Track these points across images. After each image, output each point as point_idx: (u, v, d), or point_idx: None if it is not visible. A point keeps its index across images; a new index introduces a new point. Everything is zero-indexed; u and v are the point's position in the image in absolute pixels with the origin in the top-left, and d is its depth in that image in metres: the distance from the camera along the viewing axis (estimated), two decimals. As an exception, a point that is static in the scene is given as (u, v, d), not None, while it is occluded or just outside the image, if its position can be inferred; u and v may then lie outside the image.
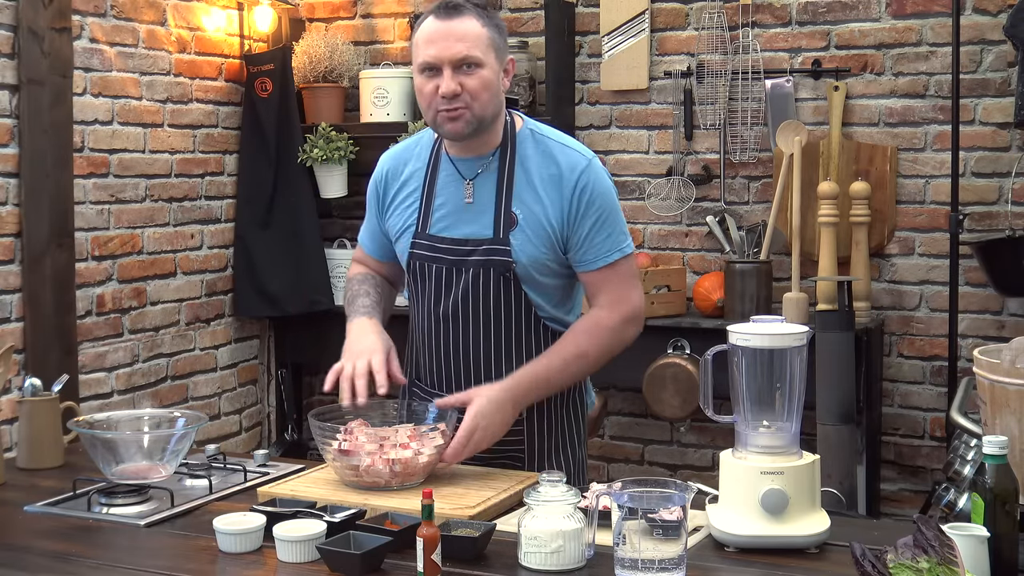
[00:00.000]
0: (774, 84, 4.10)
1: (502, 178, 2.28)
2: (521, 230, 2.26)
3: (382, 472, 2.08)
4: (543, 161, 2.28)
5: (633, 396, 4.32)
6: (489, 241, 2.27)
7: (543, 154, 2.29)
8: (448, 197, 2.32)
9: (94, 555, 1.90)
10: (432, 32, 2.21)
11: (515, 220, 2.26)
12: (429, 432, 2.14)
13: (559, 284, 2.35)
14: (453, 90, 2.18)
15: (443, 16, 2.21)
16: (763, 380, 1.93)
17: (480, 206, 2.29)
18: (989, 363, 2.18)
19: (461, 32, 2.19)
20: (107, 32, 3.88)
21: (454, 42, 2.18)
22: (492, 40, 2.23)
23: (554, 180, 2.26)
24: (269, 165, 4.44)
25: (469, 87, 2.19)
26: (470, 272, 2.29)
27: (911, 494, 4.04)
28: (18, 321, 3.56)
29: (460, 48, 2.18)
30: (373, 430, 2.16)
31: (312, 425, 2.17)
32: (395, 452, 2.08)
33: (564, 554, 1.77)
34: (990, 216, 3.88)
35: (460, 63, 2.19)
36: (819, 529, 1.87)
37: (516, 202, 2.27)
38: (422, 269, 2.34)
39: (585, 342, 2.29)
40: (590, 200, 2.26)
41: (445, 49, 2.18)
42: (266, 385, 4.72)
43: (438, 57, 2.19)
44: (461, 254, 2.29)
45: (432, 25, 2.22)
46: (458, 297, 2.31)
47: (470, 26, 2.20)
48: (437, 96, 2.20)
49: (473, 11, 2.22)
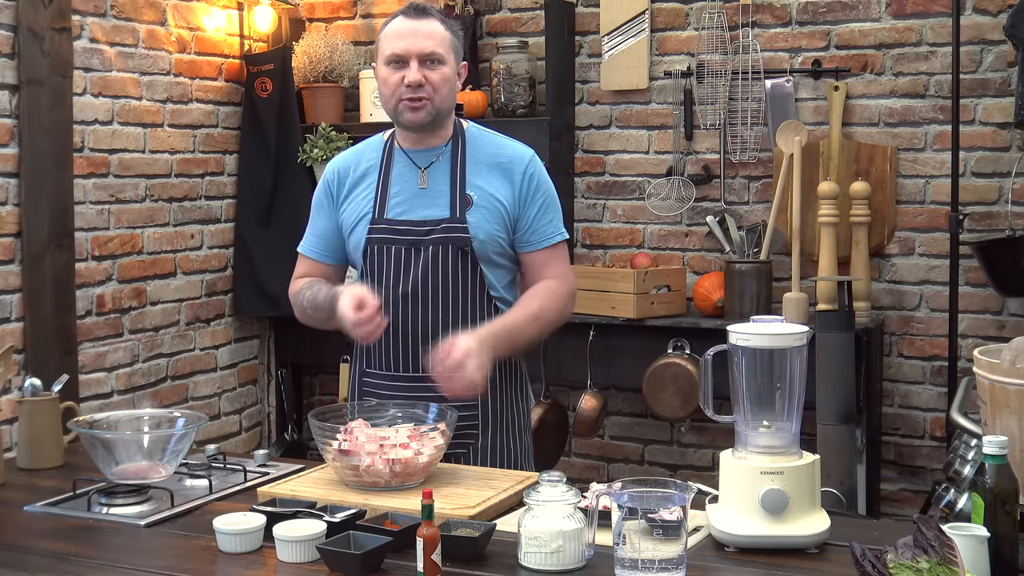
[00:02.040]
0: (774, 84, 4.10)
1: (455, 165, 2.46)
2: (476, 209, 2.43)
3: (382, 472, 2.08)
4: (492, 151, 2.49)
5: (633, 396, 4.32)
6: (447, 220, 2.42)
7: (491, 144, 2.51)
8: (403, 186, 2.47)
9: (94, 555, 1.90)
10: (401, 29, 2.43)
11: (471, 200, 2.43)
12: (429, 432, 2.15)
13: (509, 267, 2.52)
14: (419, 80, 2.39)
15: (412, 16, 2.44)
16: (763, 380, 1.93)
17: (435, 191, 2.45)
18: (989, 363, 2.18)
19: (428, 31, 2.42)
20: (107, 32, 3.88)
21: (422, 38, 2.41)
22: (452, 43, 2.46)
23: (503, 167, 2.47)
24: (269, 165, 4.44)
25: (432, 80, 2.40)
26: (429, 250, 2.41)
27: (911, 494, 4.04)
28: (18, 321, 3.56)
29: (427, 44, 2.41)
30: (373, 430, 2.16)
31: (312, 425, 2.18)
32: (395, 452, 2.08)
33: (564, 554, 1.77)
34: (990, 216, 3.88)
35: (426, 58, 2.40)
36: (819, 529, 1.87)
37: (470, 186, 2.44)
38: (380, 252, 2.45)
39: (541, 304, 2.45)
40: (537, 186, 2.48)
41: (413, 44, 2.40)
42: (266, 385, 4.72)
43: (407, 50, 2.40)
44: (419, 234, 2.42)
45: (401, 23, 2.44)
46: (417, 276, 2.42)
47: (436, 27, 2.44)
48: (402, 86, 2.40)
49: (437, 16, 2.47)
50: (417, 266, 2.42)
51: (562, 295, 2.49)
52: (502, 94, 4.27)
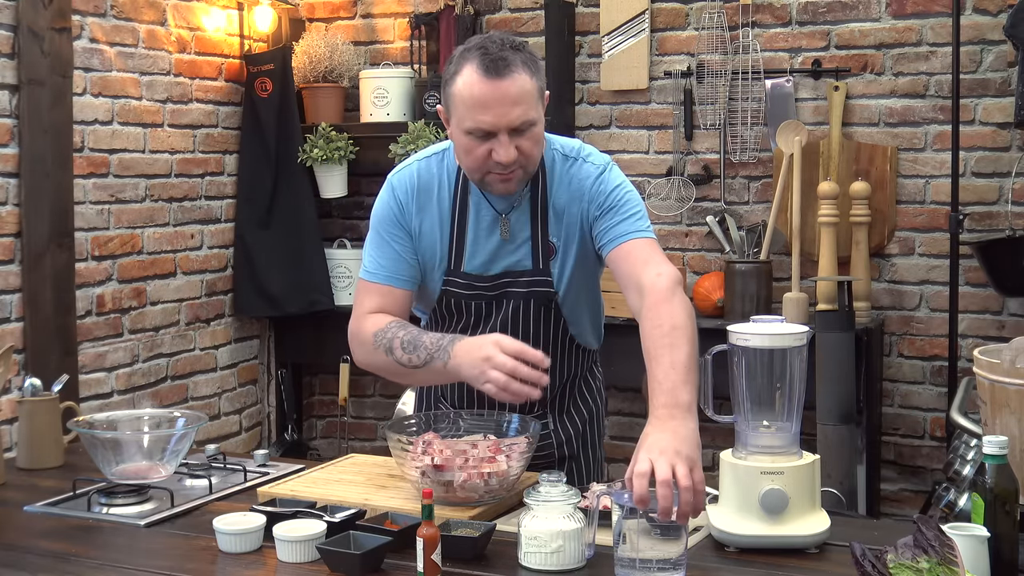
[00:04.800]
0: (774, 84, 4.10)
1: (535, 208, 2.18)
2: (559, 257, 2.20)
3: (477, 487, 1.96)
4: (569, 181, 2.20)
5: (633, 396, 4.32)
6: (530, 272, 2.19)
7: (568, 173, 2.20)
8: (481, 234, 2.20)
9: (94, 555, 1.90)
10: (483, 96, 2.01)
11: (553, 248, 2.19)
12: (511, 443, 2.01)
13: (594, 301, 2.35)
14: (512, 157, 2.05)
15: (493, 75, 2.01)
16: (763, 380, 1.93)
17: (516, 239, 2.19)
18: (989, 363, 2.18)
19: (516, 95, 2.02)
20: (107, 32, 3.88)
21: (510, 107, 2.02)
22: (540, 89, 2.08)
23: (575, 196, 2.19)
24: (269, 165, 4.44)
25: (525, 149, 2.07)
26: (511, 304, 2.21)
27: (911, 494, 4.04)
28: (18, 321, 3.56)
29: (517, 113, 2.03)
30: (452, 442, 2.02)
31: (390, 439, 2.00)
32: (492, 466, 1.96)
33: (564, 554, 1.77)
34: (990, 216, 3.88)
35: (517, 128, 2.04)
36: (819, 529, 1.87)
37: (551, 231, 2.19)
38: (458, 305, 2.23)
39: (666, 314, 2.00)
40: (603, 189, 2.17)
41: (502, 116, 2.02)
42: (266, 385, 4.72)
43: (495, 125, 2.03)
44: (500, 287, 2.20)
45: (482, 86, 2.02)
46: (496, 326, 2.21)
47: (523, 84, 2.03)
48: (490, 160, 2.06)
49: (521, 64, 2.04)
50: (497, 317, 2.22)
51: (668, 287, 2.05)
52: (502, 94, 4.27)
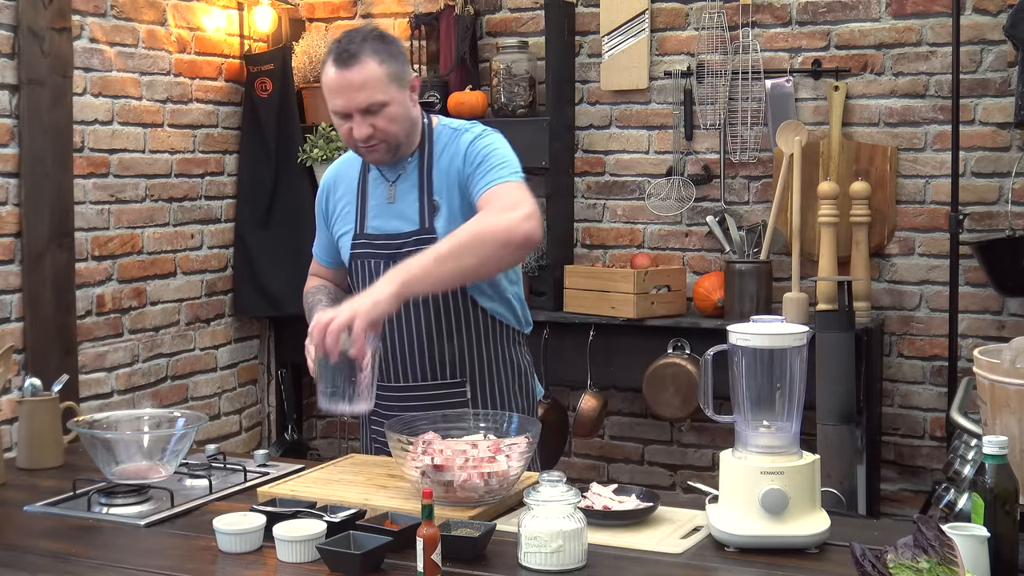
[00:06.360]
0: (774, 84, 4.10)
1: (422, 176, 2.42)
2: (443, 214, 2.39)
3: (477, 487, 1.98)
4: (453, 149, 2.41)
5: (633, 396, 4.32)
6: (416, 232, 2.40)
7: (453, 142, 2.43)
8: (377, 200, 2.47)
9: (94, 555, 1.90)
10: (334, 83, 2.31)
11: (437, 206, 2.40)
12: (511, 443, 2.03)
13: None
14: (366, 134, 2.32)
15: (341, 65, 2.30)
16: (763, 380, 1.93)
17: (404, 203, 2.43)
18: (989, 363, 2.18)
19: (360, 80, 2.28)
20: (107, 32, 3.88)
21: (355, 92, 2.29)
22: (391, 74, 2.32)
23: (454, 159, 2.40)
24: (269, 165, 4.44)
25: (380, 126, 2.32)
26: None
27: (911, 494, 4.04)
28: (18, 321, 3.56)
29: (363, 97, 2.29)
30: (452, 442, 2.04)
31: (390, 438, 2.03)
32: (492, 466, 1.97)
33: (564, 554, 1.77)
34: (990, 216, 3.88)
35: (366, 109, 2.30)
36: (819, 529, 1.87)
37: (436, 193, 2.41)
38: (361, 267, 2.46)
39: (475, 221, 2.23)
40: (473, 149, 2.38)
41: (350, 100, 2.30)
42: (266, 385, 4.72)
43: (346, 107, 2.31)
44: (394, 247, 2.41)
45: (334, 76, 2.31)
46: None
47: (368, 71, 2.29)
48: (352, 136, 2.34)
49: (369, 52, 2.30)
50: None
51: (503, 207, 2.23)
52: (502, 94, 4.27)
